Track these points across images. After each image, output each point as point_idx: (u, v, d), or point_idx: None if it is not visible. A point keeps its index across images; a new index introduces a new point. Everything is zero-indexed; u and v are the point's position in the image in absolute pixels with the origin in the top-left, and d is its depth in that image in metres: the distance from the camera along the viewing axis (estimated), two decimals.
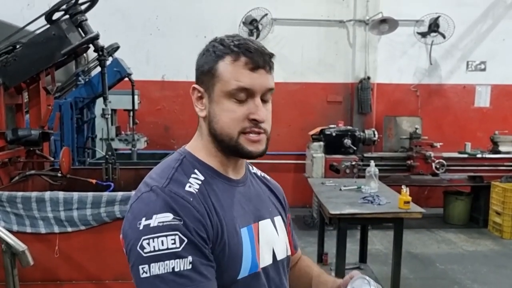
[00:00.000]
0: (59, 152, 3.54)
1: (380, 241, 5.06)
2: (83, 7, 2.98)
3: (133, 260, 0.88)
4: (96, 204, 2.48)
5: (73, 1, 2.88)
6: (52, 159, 3.50)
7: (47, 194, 2.50)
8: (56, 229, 2.50)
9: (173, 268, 0.84)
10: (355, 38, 6.25)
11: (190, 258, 0.85)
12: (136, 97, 4.57)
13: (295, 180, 6.03)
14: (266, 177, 1.22)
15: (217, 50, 0.97)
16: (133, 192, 2.61)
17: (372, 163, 3.72)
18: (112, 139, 4.72)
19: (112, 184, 3.10)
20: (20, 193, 2.52)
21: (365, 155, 5.51)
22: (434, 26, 6.00)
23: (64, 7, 2.88)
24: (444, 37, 6.02)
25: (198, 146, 1.04)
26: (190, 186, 0.94)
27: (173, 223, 0.86)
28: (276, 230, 1.11)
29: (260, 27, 5.92)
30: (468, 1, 6.21)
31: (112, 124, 4.88)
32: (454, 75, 6.45)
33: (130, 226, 0.90)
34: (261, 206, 1.10)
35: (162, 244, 0.85)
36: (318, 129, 5.54)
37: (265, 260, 1.05)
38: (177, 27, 6.12)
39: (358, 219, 3.34)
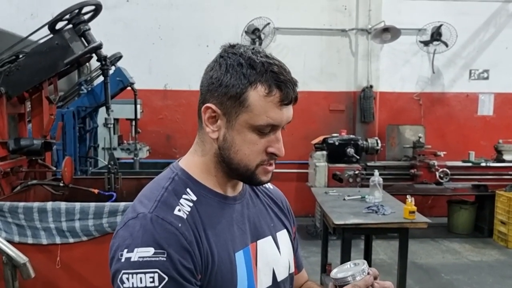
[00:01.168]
0: (61, 161, 3.52)
1: (384, 251, 5.01)
2: (86, 16, 2.98)
3: None
4: (98, 214, 2.46)
5: (76, 11, 2.88)
6: (54, 168, 3.48)
7: (49, 205, 2.48)
8: (57, 240, 2.47)
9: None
10: (357, 47, 6.26)
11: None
12: (138, 106, 4.56)
13: (298, 189, 6.00)
14: (267, 186, 1.11)
15: (247, 73, 0.87)
16: None
17: (376, 172, 3.70)
18: (115, 149, 4.71)
19: (115, 194, 3.08)
20: (22, 203, 2.50)
21: (368, 164, 5.48)
22: (436, 35, 6.00)
23: (67, 16, 2.88)
24: (446, 45, 6.02)
25: (195, 162, 0.97)
26: (179, 210, 0.88)
27: (153, 259, 0.81)
28: (278, 247, 1.04)
29: (262, 36, 5.94)
30: (471, 9, 6.23)
31: (114, 133, 4.87)
32: (457, 84, 6.45)
33: (114, 255, 0.86)
34: (261, 222, 1.02)
35: (141, 282, 0.80)
36: (320, 138, 5.52)
37: (263, 283, 0.99)
38: (179, 36, 6.13)
39: (362, 229, 3.30)
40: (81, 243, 2.47)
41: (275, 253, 1.02)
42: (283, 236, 1.07)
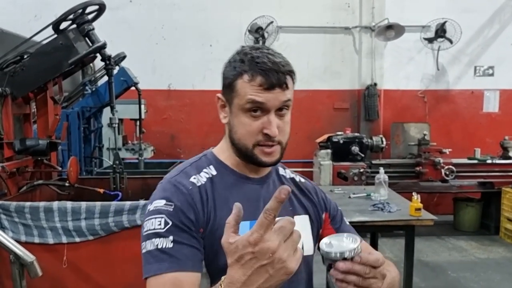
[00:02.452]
0: (66, 161, 3.53)
1: (390, 249, 4.99)
2: (90, 16, 2.99)
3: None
4: (104, 213, 2.47)
5: (80, 11, 2.89)
6: (60, 168, 3.50)
7: (55, 204, 2.49)
8: (64, 239, 2.48)
9: (157, 245, 0.95)
10: (361, 45, 6.23)
11: (171, 238, 0.95)
12: (142, 106, 4.57)
13: None
14: (300, 179, 1.25)
15: (237, 65, 1.04)
16: (140, 201, 2.60)
17: (382, 170, 3.68)
18: (119, 149, 4.72)
19: (120, 194, 3.09)
20: (28, 203, 2.51)
21: (373, 162, 5.46)
22: (440, 32, 5.97)
23: (71, 16, 2.88)
24: (451, 42, 5.99)
25: (223, 147, 1.15)
26: (195, 178, 1.06)
27: (163, 208, 0.99)
28: None
29: (265, 35, 5.93)
30: (475, 6, 6.19)
31: (119, 134, 4.88)
32: (461, 81, 6.41)
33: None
34: None
35: (152, 225, 0.97)
36: (325, 137, 5.51)
37: None
38: (183, 36, 6.14)
39: (368, 227, 3.29)
40: (87, 242, 2.49)
41: None
42: (302, 220, 1.16)
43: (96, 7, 2.95)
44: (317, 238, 1.19)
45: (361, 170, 5.06)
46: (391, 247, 5.05)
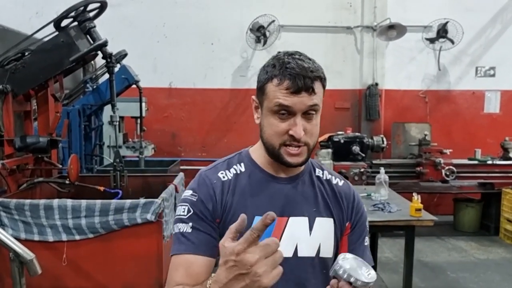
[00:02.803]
0: (67, 159, 3.53)
1: (389, 249, 4.99)
2: (91, 14, 2.98)
3: None
4: (104, 211, 2.47)
5: (81, 8, 2.88)
6: (60, 166, 3.50)
7: (55, 202, 2.48)
8: (64, 237, 2.48)
9: (179, 229, 1.10)
10: (362, 44, 6.23)
11: (191, 224, 1.09)
12: (143, 104, 4.57)
13: None
14: (338, 182, 1.25)
15: (269, 70, 1.10)
16: (141, 200, 2.60)
17: (382, 170, 3.68)
18: (120, 147, 4.72)
19: (120, 192, 3.09)
20: (28, 201, 2.51)
21: (374, 162, 5.46)
22: (442, 32, 5.96)
23: (72, 14, 2.88)
24: (452, 42, 5.98)
25: (257, 147, 1.21)
26: (222, 173, 1.16)
27: (188, 197, 1.13)
28: (311, 228, 1.15)
29: (267, 34, 5.92)
30: (477, 6, 6.18)
31: (119, 131, 4.87)
32: (463, 81, 6.40)
33: None
34: (301, 204, 1.16)
35: (178, 211, 1.12)
36: (326, 136, 5.50)
37: (283, 251, 1.06)
38: (184, 34, 6.13)
39: (368, 227, 3.28)
40: (87, 240, 2.49)
41: (304, 232, 1.15)
42: (324, 222, 1.18)
43: (98, 4, 2.95)
44: (338, 243, 1.20)
45: (362, 170, 5.06)
46: (391, 247, 5.05)
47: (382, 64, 6.21)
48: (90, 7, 2.92)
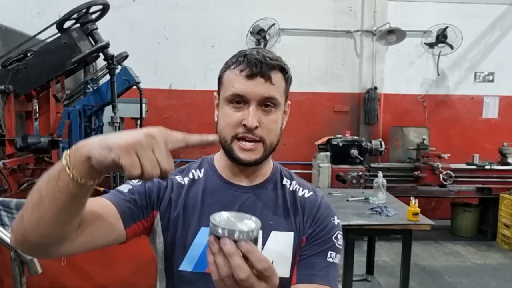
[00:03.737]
0: None
1: (387, 253, 5.01)
2: (93, 16, 3.01)
3: None
4: None
5: (84, 10, 2.91)
6: None
7: None
8: None
9: (127, 187, 1.04)
10: (362, 49, 6.26)
11: (130, 187, 1.04)
12: (143, 105, 4.59)
13: None
14: (305, 194, 1.12)
15: (229, 61, 1.05)
16: None
17: (380, 174, 3.70)
18: None
19: None
20: None
21: (372, 165, 5.48)
22: (441, 37, 5.99)
23: (75, 16, 2.91)
24: (451, 48, 6.01)
25: (219, 151, 1.12)
26: (179, 177, 1.10)
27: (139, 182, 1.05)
28: (263, 244, 1.03)
29: (267, 37, 5.95)
30: (476, 12, 6.21)
31: None
32: (461, 86, 6.43)
33: None
34: (258, 216, 0.99)
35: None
36: (324, 139, 5.52)
37: None
38: (185, 36, 6.16)
39: (366, 231, 3.31)
40: None
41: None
42: (281, 236, 1.05)
43: (100, 6, 2.98)
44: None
45: (360, 174, 5.08)
46: (388, 250, 5.06)
47: (381, 68, 6.24)
48: (92, 9, 2.95)
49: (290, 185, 1.13)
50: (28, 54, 3.05)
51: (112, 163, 0.69)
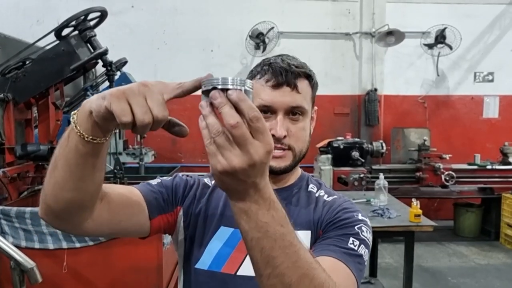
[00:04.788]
0: None
1: (390, 254, 4.99)
2: (92, 23, 3.01)
3: None
4: None
5: (82, 17, 2.91)
6: None
7: None
8: (64, 245, 2.49)
9: (156, 181, 1.09)
10: (361, 50, 6.26)
11: (159, 181, 1.09)
12: None
13: None
14: (327, 197, 1.09)
15: (253, 69, 1.06)
16: None
17: (382, 175, 3.70)
18: (120, 153, 4.73)
19: None
20: (28, 209, 2.52)
21: (374, 167, 5.47)
22: (440, 38, 5.99)
23: (73, 23, 2.90)
24: (451, 48, 6.01)
25: None
26: (205, 178, 1.14)
27: (178, 174, 1.14)
28: None
29: (266, 40, 5.95)
30: (475, 12, 6.22)
31: (120, 138, 4.89)
32: (461, 86, 6.43)
33: None
34: None
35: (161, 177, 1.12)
36: (325, 142, 5.51)
37: (245, 269, 0.98)
38: (185, 41, 6.17)
39: None
40: (87, 247, 2.49)
41: None
42: (299, 235, 1.04)
43: (98, 13, 2.97)
44: None
45: (361, 175, 5.06)
46: (391, 252, 5.05)
47: (381, 69, 6.24)
48: (90, 16, 2.94)
49: (316, 192, 1.12)
50: (27, 62, 3.05)
51: (105, 110, 0.69)
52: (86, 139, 0.74)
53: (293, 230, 0.73)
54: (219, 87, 0.65)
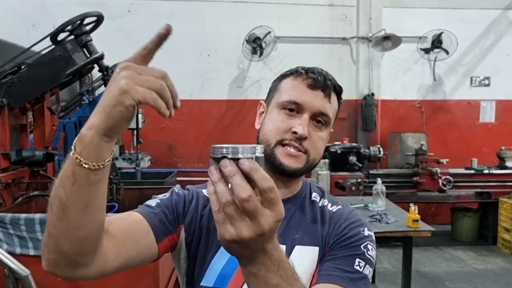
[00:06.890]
0: None
1: (387, 260, 4.97)
2: (88, 27, 2.99)
3: None
4: None
5: (78, 22, 2.89)
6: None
7: None
8: None
9: (147, 202, 1.03)
10: (358, 55, 6.27)
11: (158, 201, 1.03)
12: (140, 115, 4.56)
13: None
14: (332, 208, 1.08)
15: (286, 72, 1.07)
16: None
17: (379, 180, 3.69)
18: (116, 158, 4.70)
19: (117, 205, 3.07)
20: (23, 215, 2.48)
21: (371, 172, 5.46)
22: (437, 42, 6.01)
23: (69, 27, 2.89)
24: (447, 53, 6.03)
25: None
26: (203, 189, 1.09)
27: (173, 188, 1.09)
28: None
29: (263, 45, 5.95)
30: (471, 17, 6.25)
31: (116, 143, 4.86)
32: (458, 91, 6.45)
33: None
34: (283, 229, 1.00)
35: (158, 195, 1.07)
36: None
37: None
38: (181, 46, 6.15)
39: None
40: None
41: None
42: (305, 251, 1.01)
43: (94, 18, 2.96)
44: None
45: (359, 180, 5.05)
46: (388, 257, 5.03)
47: (378, 74, 6.25)
48: (86, 20, 2.93)
49: (319, 201, 1.11)
50: (22, 67, 3.02)
51: (132, 109, 0.69)
52: (99, 167, 0.71)
53: (302, 284, 0.73)
54: (229, 156, 0.63)
